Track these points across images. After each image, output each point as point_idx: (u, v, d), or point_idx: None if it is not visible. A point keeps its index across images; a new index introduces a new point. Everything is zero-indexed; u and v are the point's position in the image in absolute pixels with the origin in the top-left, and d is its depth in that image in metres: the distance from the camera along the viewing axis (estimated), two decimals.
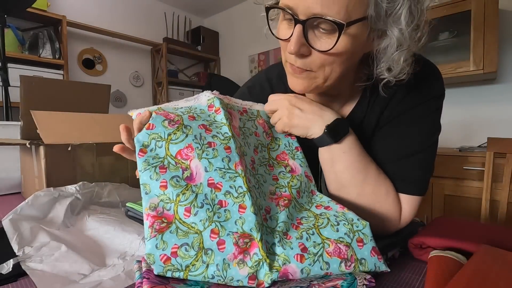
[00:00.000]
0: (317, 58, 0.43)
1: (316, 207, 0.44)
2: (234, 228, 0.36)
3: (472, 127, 1.99)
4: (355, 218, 0.41)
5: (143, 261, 0.38)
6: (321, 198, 0.46)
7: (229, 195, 0.38)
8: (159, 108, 0.42)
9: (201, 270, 0.34)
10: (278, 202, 0.42)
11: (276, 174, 0.46)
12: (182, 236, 0.35)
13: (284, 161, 0.49)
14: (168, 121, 0.40)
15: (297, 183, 0.46)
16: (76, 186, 0.67)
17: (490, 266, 0.33)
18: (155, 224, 0.35)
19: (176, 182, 0.38)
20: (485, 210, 1.15)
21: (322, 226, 0.40)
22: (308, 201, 0.46)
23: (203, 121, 0.42)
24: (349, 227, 0.39)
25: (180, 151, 0.39)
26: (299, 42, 0.41)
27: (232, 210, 0.37)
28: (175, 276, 0.34)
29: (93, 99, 1.14)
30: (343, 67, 0.45)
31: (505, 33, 1.82)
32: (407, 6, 0.39)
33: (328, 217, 0.41)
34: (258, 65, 3.30)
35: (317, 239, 0.38)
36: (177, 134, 0.39)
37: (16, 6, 1.67)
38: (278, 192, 0.44)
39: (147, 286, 0.32)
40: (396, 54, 0.43)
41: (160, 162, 0.38)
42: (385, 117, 0.52)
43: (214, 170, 0.39)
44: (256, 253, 0.34)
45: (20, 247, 0.47)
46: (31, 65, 2.28)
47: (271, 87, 0.60)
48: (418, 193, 0.50)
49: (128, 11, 3.10)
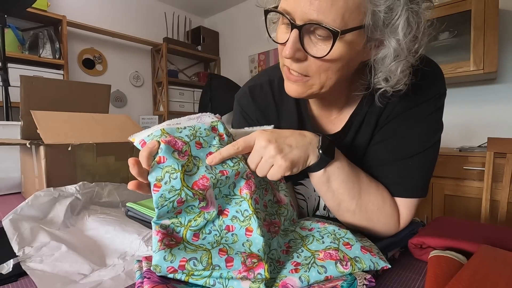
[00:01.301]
0: (313, 63, 0.43)
1: (301, 229, 0.46)
2: (242, 249, 0.37)
3: (472, 127, 1.99)
4: (336, 229, 0.43)
5: (144, 261, 0.38)
6: (303, 223, 0.47)
7: (236, 219, 0.39)
8: (163, 131, 0.38)
9: (205, 275, 0.34)
10: (269, 229, 0.43)
11: (266, 200, 0.46)
12: (190, 252, 0.35)
13: (273, 190, 0.50)
14: (177, 153, 0.38)
15: (284, 211, 0.47)
16: (76, 186, 0.67)
17: (490, 266, 0.33)
18: (165, 239, 0.35)
19: (190, 209, 0.38)
20: (485, 210, 1.15)
21: (309, 243, 0.42)
22: (291, 224, 0.48)
23: (210, 148, 0.41)
24: (333, 237, 0.42)
25: (196, 182, 0.37)
26: (294, 47, 0.41)
27: (239, 234, 0.38)
28: (177, 278, 0.34)
29: (93, 99, 1.14)
30: (338, 74, 0.44)
31: (505, 33, 1.82)
32: (405, 17, 0.39)
33: (312, 235, 0.44)
34: (258, 65, 3.30)
35: (306, 253, 0.40)
36: (189, 166, 0.38)
37: (16, 6, 1.67)
38: (268, 219, 0.44)
39: (148, 286, 0.32)
40: (393, 64, 0.42)
41: (177, 195, 0.35)
42: (384, 117, 0.52)
43: (221, 197, 0.40)
44: (260, 273, 0.34)
45: (20, 247, 0.47)
46: (31, 65, 2.28)
47: (272, 89, 0.60)
48: (416, 195, 0.50)
49: (128, 11, 3.10)
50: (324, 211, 0.63)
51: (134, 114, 3.13)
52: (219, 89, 2.97)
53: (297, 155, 0.43)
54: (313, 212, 0.64)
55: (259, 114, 0.60)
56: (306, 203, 0.63)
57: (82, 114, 0.92)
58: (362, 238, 0.45)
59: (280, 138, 0.43)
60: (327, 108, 0.57)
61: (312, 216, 0.61)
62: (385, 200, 0.49)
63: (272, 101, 0.60)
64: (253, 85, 0.62)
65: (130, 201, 0.65)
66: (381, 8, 0.38)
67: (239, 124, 0.62)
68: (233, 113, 0.66)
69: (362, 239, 0.44)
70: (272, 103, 0.60)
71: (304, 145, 0.44)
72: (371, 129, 0.54)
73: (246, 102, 0.61)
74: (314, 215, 0.64)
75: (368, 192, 0.49)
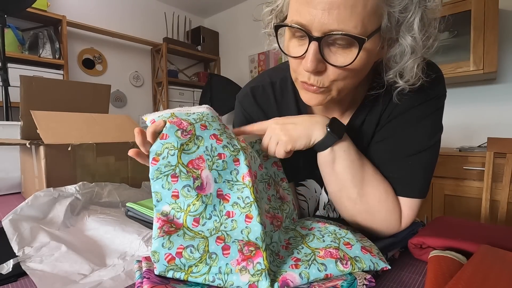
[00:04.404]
0: (332, 73, 0.42)
1: (301, 228, 0.46)
2: (239, 237, 0.37)
3: (472, 127, 1.99)
4: (337, 229, 0.44)
5: (144, 261, 0.38)
6: (303, 223, 0.48)
7: (237, 205, 0.39)
8: (172, 115, 0.42)
9: (203, 271, 0.34)
10: (272, 221, 0.44)
11: (269, 195, 0.47)
12: (188, 239, 0.36)
13: (276, 186, 0.50)
14: (181, 131, 0.40)
15: (286, 208, 0.48)
16: (76, 186, 0.67)
17: (490, 266, 0.33)
18: (165, 226, 0.37)
19: (187, 192, 0.38)
20: (485, 210, 1.15)
21: (309, 241, 0.42)
22: (291, 223, 0.48)
23: (214, 130, 0.42)
24: (333, 236, 0.43)
25: (191, 160, 0.39)
26: (315, 60, 0.40)
27: (239, 220, 0.38)
28: (176, 277, 0.34)
29: (93, 99, 1.14)
30: (356, 79, 0.45)
31: (505, 33, 1.82)
32: (419, 14, 0.39)
33: (313, 234, 0.44)
34: (258, 65, 3.30)
35: (307, 250, 0.40)
36: (189, 145, 0.40)
37: (16, 6, 1.67)
38: (272, 212, 0.45)
39: (148, 286, 0.32)
40: (410, 61, 0.43)
41: (172, 170, 0.38)
42: (385, 116, 0.52)
43: (223, 182, 0.40)
44: (259, 262, 0.34)
45: (20, 247, 0.47)
46: (31, 65, 2.28)
47: (274, 91, 0.60)
48: (418, 196, 0.50)
49: (128, 11, 3.10)
50: (324, 210, 0.63)
51: (134, 114, 3.13)
52: (219, 89, 2.97)
53: (299, 131, 0.46)
54: (313, 213, 0.64)
55: (261, 114, 0.60)
56: (307, 204, 0.63)
57: (82, 114, 0.92)
58: (362, 238, 0.45)
59: (288, 119, 0.48)
60: (330, 110, 0.57)
61: (312, 217, 0.61)
62: (388, 194, 0.49)
63: (274, 102, 0.60)
64: (255, 86, 0.62)
65: (130, 201, 0.65)
66: (396, 9, 0.38)
67: (241, 124, 0.62)
68: (234, 113, 0.66)
69: (362, 239, 0.44)
70: (274, 105, 0.60)
71: (309, 122, 0.47)
72: (372, 129, 0.54)
73: (248, 103, 0.62)
74: (314, 215, 0.64)
75: (371, 183, 0.49)
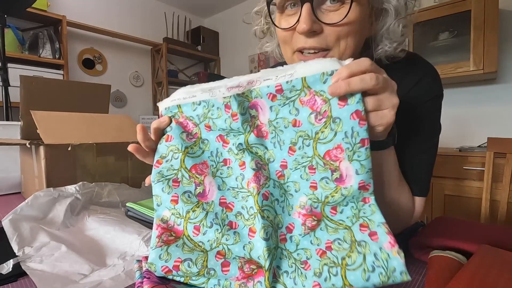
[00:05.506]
0: (331, 33, 0.43)
1: (360, 228, 0.31)
2: (241, 253, 0.34)
3: (472, 127, 1.99)
4: (398, 268, 0.28)
5: (144, 261, 0.38)
6: (372, 213, 0.31)
7: (240, 216, 0.36)
8: (179, 109, 0.40)
9: (202, 280, 0.34)
10: (305, 221, 0.34)
11: (316, 180, 0.34)
12: (187, 252, 0.35)
13: (335, 162, 0.33)
14: (186, 134, 0.39)
15: (338, 198, 0.32)
16: (76, 186, 0.67)
17: (490, 266, 0.33)
18: (164, 235, 0.36)
19: (187, 198, 0.37)
20: (485, 210, 1.15)
21: (351, 267, 0.29)
22: (354, 214, 0.32)
23: (219, 131, 0.38)
24: (384, 279, 0.28)
25: (195, 165, 0.38)
26: (310, 19, 0.41)
27: (242, 233, 0.35)
28: (176, 280, 0.34)
29: (93, 99, 1.14)
30: (355, 40, 0.44)
31: (505, 33, 1.82)
32: None
33: (364, 254, 0.29)
34: (258, 65, 3.30)
35: (338, 282, 0.29)
36: (194, 149, 0.38)
37: (16, 6, 1.67)
38: (309, 207, 0.34)
39: (148, 286, 0.32)
40: (395, 22, 0.45)
41: (173, 175, 0.37)
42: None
43: (227, 189, 0.38)
44: (260, 281, 0.32)
45: (20, 247, 0.47)
46: (31, 65, 2.28)
47: None
48: (425, 195, 0.51)
49: (128, 11, 3.10)
50: None
51: (134, 114, 3.13)
52: None
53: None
54: None
55: None
56: None
57: (82, 114, 0.92)
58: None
59: None
60: None
61: None
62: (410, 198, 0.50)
63: None
64: None
65: (130, 201, 0.65)
66: None
67: None
68: None
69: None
70: None
71: None
72: None
73: None
74: None
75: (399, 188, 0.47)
